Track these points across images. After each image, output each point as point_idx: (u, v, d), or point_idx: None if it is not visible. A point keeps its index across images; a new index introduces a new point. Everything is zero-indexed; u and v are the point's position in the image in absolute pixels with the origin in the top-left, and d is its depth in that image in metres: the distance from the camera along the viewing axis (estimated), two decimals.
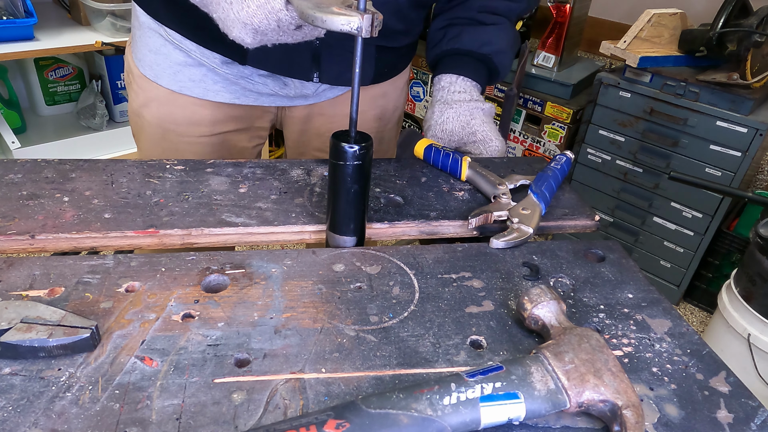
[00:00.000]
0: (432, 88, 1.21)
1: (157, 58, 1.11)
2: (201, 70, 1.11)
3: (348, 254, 0.79)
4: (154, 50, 1.11)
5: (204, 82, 1.12)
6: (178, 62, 1.10)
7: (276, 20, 0.72)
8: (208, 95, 1.13)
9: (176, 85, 1.12)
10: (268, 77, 1.13)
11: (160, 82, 1.13)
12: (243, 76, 1.11)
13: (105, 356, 0.60)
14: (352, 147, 0.71)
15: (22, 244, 0.77)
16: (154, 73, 1.13)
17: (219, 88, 1.13)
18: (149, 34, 1.11)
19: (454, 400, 0.53)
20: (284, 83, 1.14)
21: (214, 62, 1.09)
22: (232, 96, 1.14)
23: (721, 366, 0.66)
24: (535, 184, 0.92)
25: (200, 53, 1.08)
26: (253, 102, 1.17)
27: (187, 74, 1.11)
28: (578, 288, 0.77)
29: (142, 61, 1.14)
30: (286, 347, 0.63)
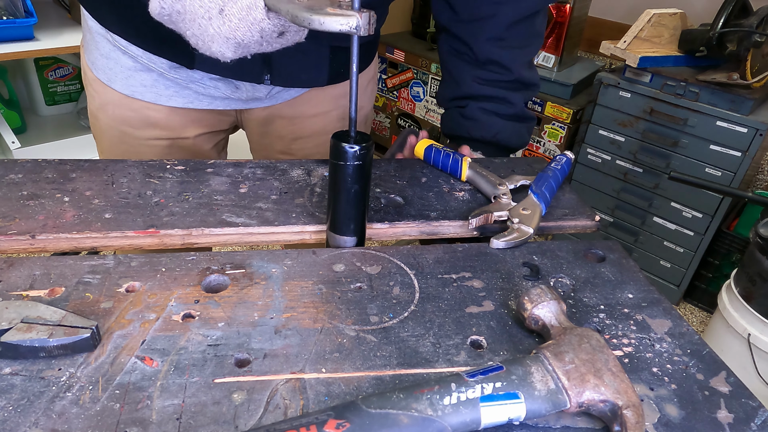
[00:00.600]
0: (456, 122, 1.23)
1: (109, 63, 1.09)
2: (151, 75, 1.09)
3: (348, 254, 0.79)
4: (105, 55, 1.09)
5: (155, 87, 1.10)
6: (128, 67, 1.09)
7: (259, 31, 0.70)
8: (161, 100, 1.12)
9: (128, 89, 1.11)
10: (219, 81, 1.10)
11: (114, 86, 1.11)
12: (193, 80, 1.09)
13: (105, 356, 0.60)
14: (352, 147, 0.71)
15: (23, 244, 0.77)
16: (107, 77, 1.11)
17: (171, 92, 1.11)
18: (98, 38, 1.09)
19: (454, 400, 0.53)
20: (236, 86, 1.12)
21: (162, 67, 1.07)
22: (185, 100, 1.13)
23: (722, 366, 0.66)
24: (536, 184, 0.92)
25: (147, 58, 1.06)
26: (207, 106, 1.15)
27: (138, 79, 1.09)
28: (578, 288, 0.77)
29: (95, 64, 1.12)
30: (287, 347, 0.63)
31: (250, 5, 0.69)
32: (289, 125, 1.25)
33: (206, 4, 0.71)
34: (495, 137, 1.19)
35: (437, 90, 1.30)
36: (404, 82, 3.47)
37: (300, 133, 1.26)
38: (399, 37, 3.58)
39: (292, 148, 1.29)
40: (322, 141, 1.29)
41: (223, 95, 1.13)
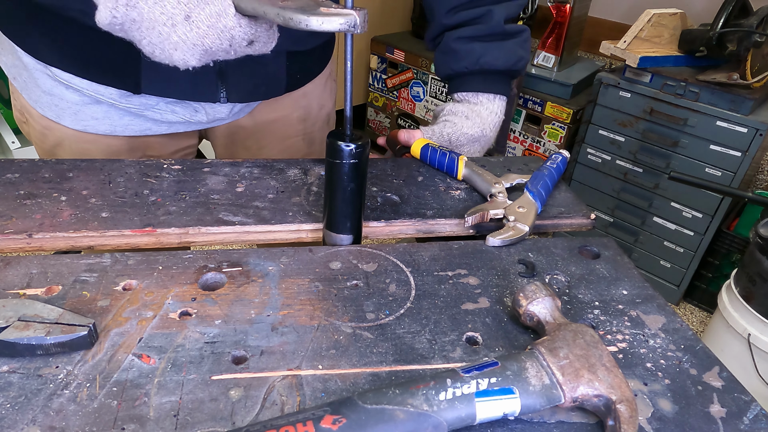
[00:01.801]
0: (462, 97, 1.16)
1: (53, 99, 1.01)
2: (101, 107, 1.02)
3: (345, 252, 0.80)
4: (47, 91, 1.01)
5: (109, 119, 1.03)
6: (75, 102, 1.01)
7: (229, 38, 0.68)
8: (116, 131, 1.05)
9: (79, 124, 1.04)
10: (177, 104, 1.04)
11: (64, 123, 1.04)
12: (148, 106, 1.03)
13: (102, 354, 0.60)
14: (348, 146, 0.72)
15: (20, 243, 0.77)
16: (55, 114, 1.03)
17: (126, 122, 1.04)
18: (37, 75, 1.00)
19: (449, 395, 0.53)
20: (194, 109, 1.06)
21: (112, 96, 1.00)
22: (141, 128, 1.06)
23: (715, 361, 0.66)
24: (531, 182, 0.93)
25: (93, 89, 0.99)
26: (166, 131, 1.09)
27: (88, 113, 1.02)
28: (573, 285, 0.77)
29: (38, 102, 1.03)
30: (283, 344, 0.63)
31: (219, 12, 0.67)
32: (252, 134, 1.21)
33: (169, 11, 0.67)
34: (478, 64, 1.11)
35: None
36: (404, 82, 3.48)
37: (264, 141, 1.23)
38: (399, 37, 3.58)
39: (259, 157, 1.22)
40: (287, 145, 1.26)
41: (181, 119, 1.07)
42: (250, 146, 1.23)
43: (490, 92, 1.14)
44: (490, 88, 1.14)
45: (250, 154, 1.24)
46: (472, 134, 1.12)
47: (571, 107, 2.80)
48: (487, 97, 1.14)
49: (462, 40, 1.12)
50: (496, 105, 1.15)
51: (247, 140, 1.22)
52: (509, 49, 1.13)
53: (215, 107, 1.07)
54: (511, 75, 1.16)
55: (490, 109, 1.14)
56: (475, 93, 1.15)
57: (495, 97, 1.15)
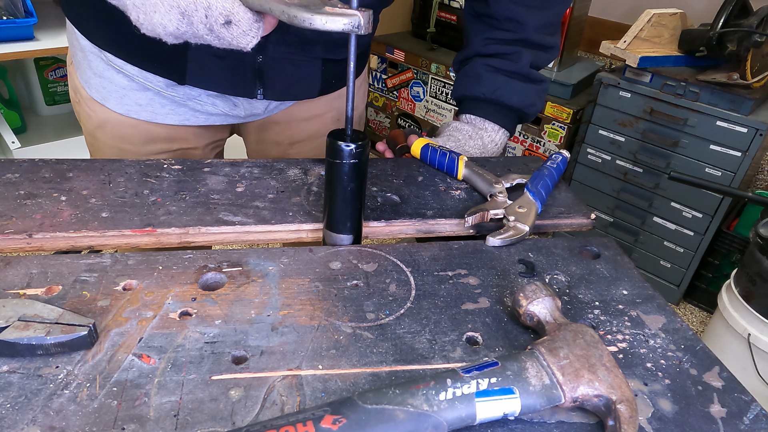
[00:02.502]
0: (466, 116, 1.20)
1: (102, 82, 1.08)
2: (147, 94, 1.08)
3: (345, 252, 0.80)
4: (98, 74, 1.08)
5: (151, 106, 1.09)
6: (122, 86, 1.07)
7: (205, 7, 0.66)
8: (157, 118, 1.11)
9: (123, 108, 1.10)
10: (217, 98, 1.10)
11: (108, 105, 1.10)
12: (191, 97, 1.09)
13: (102, 354, 0.60)
14: (348, 145, 0.72)
15: (20, 243, 0.77)
16: (101, 96, 1.10)
17: (167, 111, 1.10)
18: (91, 57, 1.07)
19: (449, 395, 0.53)
20: (234, 104, 1.12)
21: (159, 85, 1.06)
22: (181, 118, 1.12)
23: (715, 361, 0.66)
24: (532, 182, 0.93)
25: (143, 77, 1.05)
26: (204, 122, 1.15)
27: (133, 98, 1.08)
28: (573, 285, 0.77)
29: (88, 83, 1.10)
30: (283, 344, 0.63)
31: None
32: (285, 130, 1.25)
33: None
34: (495, 94, 1.16)
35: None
36: (404, 82, 3.48)
37: (296, 137, 1.26)
38: (399, 37, 3.58)
39: (290, 153, 1.29)
40: (319, 143, 1.29)
41: (220, 112, 1.12)
42: (281, 142, 1.27)
43: (497, 123, 1.18)
44: (498, 120, 1.18)
45: (281, 150, 1.28)
46: (472, 154, 1.15)
47: (571, 107, 2.80)
48: (493, 126, 1.18)
49: (489, 68, 1.17)
50: (498, 136, 1.19)
51: (278, 136, 1.26)
52: (526, 92, 1.18)
53: (252, 103, 1.12)
54: (520, 116, 1.21)
55: (492, 137, 1.18)
56: (483, 119, 1.18)
57: (500, 130, 1.19)
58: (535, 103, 1.20)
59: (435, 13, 3.40)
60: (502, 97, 1.16)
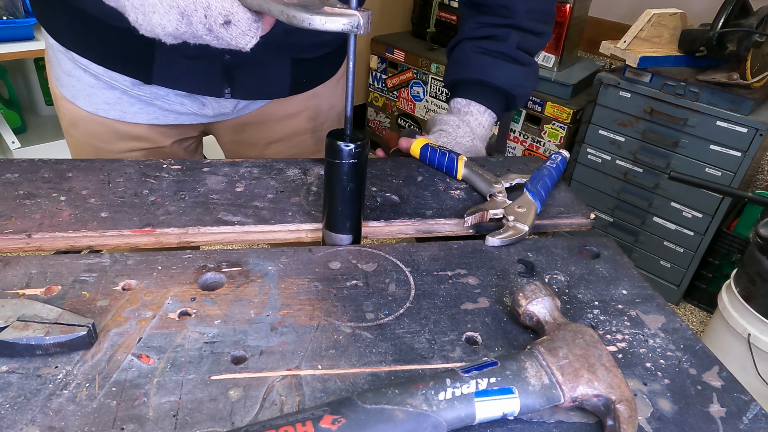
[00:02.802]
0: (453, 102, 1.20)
1: (71, 80, 1.08)
2: (114, 92, 1.07)
3: (344, 252, 0.80)
4: (67, 72, 1.08)
5: (119, 105, 1.09)
6: (90, 85, 1.07)
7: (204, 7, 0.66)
8: (126, 117, 1.10)
9: (92, 107, 1.09)
10: (185, 97, 1.09)
11: (78, 104, 1.10)
12: (158, 96, 1.08)
13: (102, 354, 0.60)
14: (347, 145, 0.72)
15: (19, 243, 0.77)
16: (71, 94, 1.10)
17: (136, 110, 1.10)
18: (59, 55, 1.07)
19: (449, 395, 0.53)
20: (202, 103, 1.11)
21: (125, 84, 1.06)
22: (150, 117, 1.11)
23: (714, 361, 0.66)
24: (531, 182, 0.93)
25: (108, 76, 1.05)
26: (173, 122, 1.14)
27: (101, 97, 1.08)
28: (573, 284, 0.77)
29: (59, 81, 1.11)
30: (283, 344, 0.63)
31: None
32: (260, 131, 1.24)
33: None
34: (481, 74, 1.15)
35: None
36: (404, 82, 3.48)
37: (272, 137, 1.25)
38: (399, 37, 3.58)
39: (267, 153, 1.28)
40: (296, 143, 1.28)
41: (188, 111, 1.11)
42: (257, 143, 1.25)
43: (482, 104, 1.17)
44: (484, 101, 1.17)
45: (258, 150, 1.26)
46: (464, 143, 1.14)
47: (571, 107, 2.80)
48: (478, 108, 1.17)
49: (476, 49, 1.16)
50: (485, 118, 1.18)
51: (254, 137, 1.24)
52: (514, 73, 1.16)
53: (220, 102, 1.12)
54: (508, 99, 1.19)
55: (479, 120, 1.17)
56: (469, 101, 1.17)
57: (485, 111, 1.17)
58: (523, 84, 1.18)
59: (435, 13, 3.40)
60: (488, 77, 1.15)
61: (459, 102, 1.18)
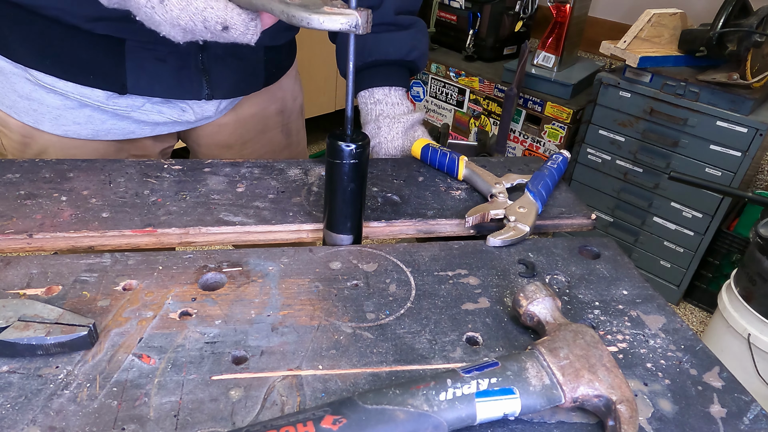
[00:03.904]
0: (361, 101, 1.15)
1: (32, 104, 0.99)
2: (84, 111, 1.00)
3: (345, 252, 0.80)
4: (26, 96, 0.98)
5: (91, 123, 1.02)
6: (56, 107, 0.99)
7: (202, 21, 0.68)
8: (99, 135, 1.04)
9: (61, 129, 1.02)
10: (163, 104, 1.04)
11: (43, 128, 1.01)
12: (134, 107, 1.02)
13: (103, 354, 0.60)
14: (348, 146, 0.72)
15: (20, 243, 0.77)
16: (34, 120, 1.00)
17: (109, 126, 1.04)
18: (14, 79, 0.97)
19: (450, 395, 0.53)
20: (182, 109, 1.06)
21: (98, 99, 0.99)
22: (124, 132, 1.06)
23: (715, 361, 0.66)
24: (532, 182, 0.93)
25: (78, 92, 0.98)
26: (150, 133, 1.09)
27: (70, 118, 1.01)
28: (573, 285, 0.77)
29: (14, 108, 1.00)
30: (283, 344, 0.63)
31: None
32: (235, 131, 1.22)
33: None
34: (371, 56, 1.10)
35: None
36: None
37: (247, 136, 1.24)
38: None
39: (243, 154, 1.26)
40: (268, 139, 1.27)
41: (167, 120, 1.07)
42: (233, 143, 1.24)
43: (384, 85, 1.13)
44: (386, 81, 1.13)
45: (234, 152, 1.25)
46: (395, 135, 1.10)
47: (571, 107, 2.80)
48: (383, 91, 1.13)
49: None
50: (394, 97, 1.13)
51: (229, 138, 1.23)
52: (401, 40, 1.12)
53: (202, 105, 1.08)
54: (407, 67, 1.14)
55: (392, 102, 1.12)
56: (371, 91, 1.13)
57: (391, 89, 1.13)
58: (415, 47, 1.13)
59: (435, 13, 3.40)
60: (379, 56, 1.10)
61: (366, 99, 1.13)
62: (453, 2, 3.27)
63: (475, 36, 3.22)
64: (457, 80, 3.17)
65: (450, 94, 3.26)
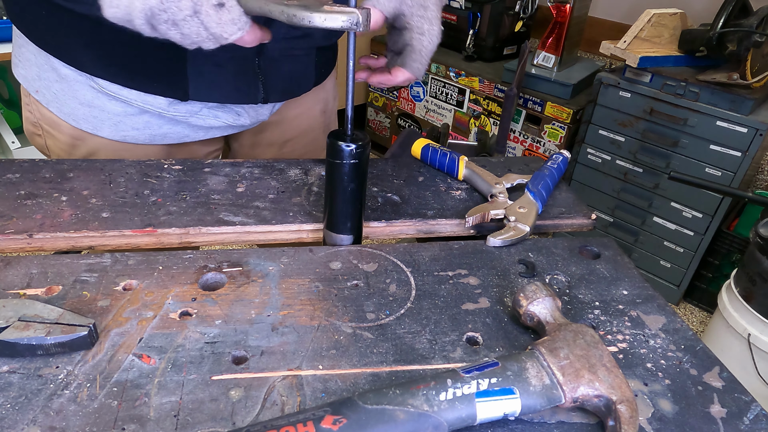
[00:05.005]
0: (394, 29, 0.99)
1: (92, 111, 1.00)
2: (144, 117, 1.01)
3: (345, 252, 0.80)
4: (87, 103, 0.99)
5: (149, 129, 1.03)
6: (116, 113, 1.00)
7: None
8: (155, 140, 1.05)
9: (119, 135, 1.03)
10: (219, 109, 1.05)
11: (102, 134, 1.02)
12: (192, 113, 1.03)
13: (103, 354, 0.60)
14: (348, 146, 0.72)
15: (20, 243, 0.77)
16: (93, 126, 1.01)
17: (166, 131, 1.04)
18: (77, 87, 0.98)
19: (450, 395, 0.53)
20: (237, 113, 1.07)
21: (160, 106, 1.00)
22: (179, 136, 1.06)
23: (715, 361, 0.66)
24: (532, 182, 0.93)
25: (141, 100, 0.98)
26: (203, 137, 1.10)
27: (129, 124, 1.02)
28: (573, 285, 0.77)
29: (73, 115, 1.01)
30: (284, 344, 0.63)
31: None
32: (278, 130, 1.23)
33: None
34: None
35: None
36: None
37: (289, 135, 1.25)
38: None
39: (284, 152, 1.27)
40: (310, 139, 1.29)
41: (222, 124, 1.07)
42: (274, 142, 1.25)
43: None
44: None
45: (274, 151, 1.26)
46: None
47: (571, 107, 2.79)
48: None
49: None
50: None
51: (272, 136, 1.24)
52: None
53: (257, 109, 1.09)
54: None
55: None
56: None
57: None
58: None
59: None
60: None
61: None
62: (453, 2, 3.27)
63: (475, 36, 3.22)
64: (457, 80, 3.17)
65: (450, 94, 3.26)
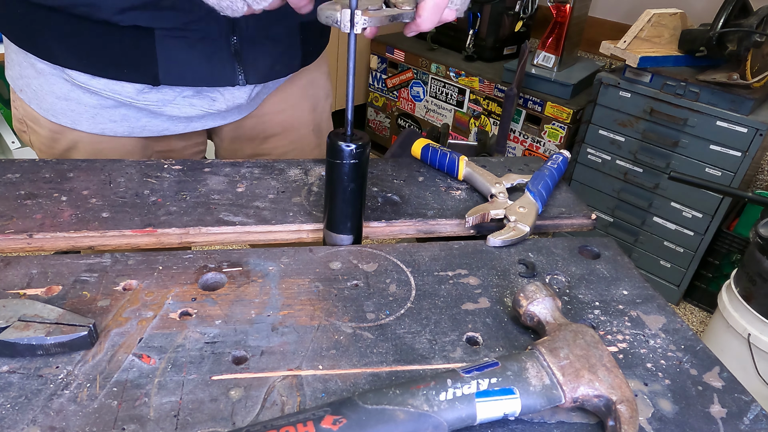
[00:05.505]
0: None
1: (69, 104, 1.00)
2: (119, 109, 1.01)
3: (345, 252, 0.80)
4: (63, 96, 1.00)
5: (127, 121, 1.03)
6: (93, 105, 1.00)
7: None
8: (134, 133, 1.05)
9: (97, 128, 1.03)
10: (194, 96, 1.02)
11: (80, 128, 1.03)
12: (166, 101, 1.01)
13: (103, 354, 0.60)
14: (348, 146, 0.72)
15: (20, 243, 0.77)
16: (71, 120, 1.02)
17: (144, 123, 1.04)
18: (53, 80, 0.99)
19: (450, 395, 0.53)
20: (212, 99, 1.04)
21: (130, 95, 0.99)
22: (159, 128, 1.06)
23: (715, 361, 0.66)
24: (532, 183, 0.93)
25: (111, 90, 0.98)
26: (183, 129, 1.08)
27: (106, 116, 1.02)
28: (573, 285, 0.77)
29: (51, 110, 1.02)
30: (284, 344, 0.63)
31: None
32: (259, 124, 1.19)
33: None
34: None
35: None
36: (404, 82, 3.48)
37: (271, 130, 1.21)
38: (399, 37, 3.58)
39: (264, 148, 1.23)
40: (296, 137, 1.24)
41: (200, 112, 1.05)
42: (254, 137, 1.21)
43: None
44: None
45: (254, 146, 1.22)
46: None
47: (571, 107, 2.80)
48: None
49: None
50: None
51: (252, 130, 1.20)
52: None
53: (233, 92, 1.05)
54: None
55: None
56: None
57: None
58: None
59: None
60: None
61: None
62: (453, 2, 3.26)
63: (475, 36, 3.22)
64: (457, 80, 3.17)
65: (450, 94, 3.26)
